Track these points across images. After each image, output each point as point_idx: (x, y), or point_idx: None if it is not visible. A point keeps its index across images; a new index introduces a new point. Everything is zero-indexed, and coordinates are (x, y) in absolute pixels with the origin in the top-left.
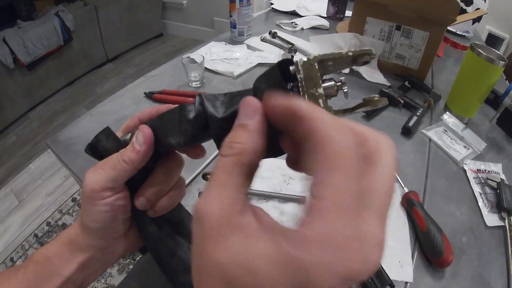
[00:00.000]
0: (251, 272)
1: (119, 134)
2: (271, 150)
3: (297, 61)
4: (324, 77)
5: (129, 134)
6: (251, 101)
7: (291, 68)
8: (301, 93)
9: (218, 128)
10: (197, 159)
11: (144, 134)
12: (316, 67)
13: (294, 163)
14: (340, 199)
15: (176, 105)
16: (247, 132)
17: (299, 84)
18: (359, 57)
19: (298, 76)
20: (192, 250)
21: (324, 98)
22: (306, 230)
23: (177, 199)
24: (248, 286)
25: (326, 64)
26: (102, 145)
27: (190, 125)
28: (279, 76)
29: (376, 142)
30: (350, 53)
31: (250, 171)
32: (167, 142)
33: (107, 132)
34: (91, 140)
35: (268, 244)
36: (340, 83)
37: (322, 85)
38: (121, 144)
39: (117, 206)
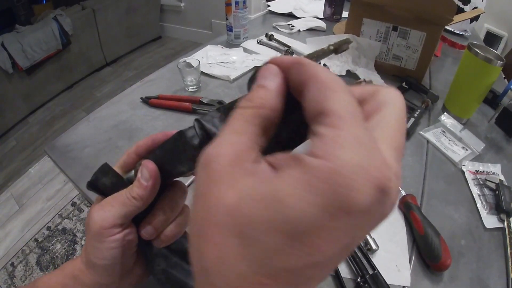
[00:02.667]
0: (274, 204)
1: (116, 169)
2: (290, 139)
3: None
4: None
5: (132, 172)
6: (270, 66)
7: None
8: None
9: None
10: None
11: (149, 169)
12: None
13: None
14: (355, 127)
15: (172, 132)
16: (267, 90)
17: None
18: (339, 48)
19: None
20: (192, 204)
21: None
22: (324, 146)
23: (183, 227)
24: (269, 223)
25: (311, 58)
26: (102, 182)
27: (197, 151)
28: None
29: (385, 92)
30: (332, 47)
31: (267, 127)
32: (177, 171)
33: (106, 168)
34: (91, 178)
35: (290, 173)
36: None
37: None
38: (123, 181)
39: (126, 241)
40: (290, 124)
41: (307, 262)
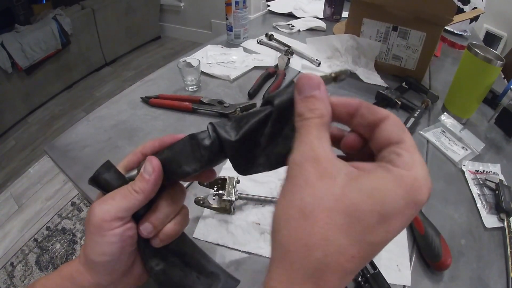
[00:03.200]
0: (376, 193)
1: (120, 167)
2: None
3: (294, 80)
4: None
5: (135, 170)
6: (313, 76)
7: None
8: None
9: (233, 150)
10: (209, 181)
11: (153, 164)
12: None
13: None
14: (414, 151)
15: (184, 135)
16: (320, 100)
17: None
18: (338, 76)
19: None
20: (292, 192)
21: None
22: (405, 161)
23: (182, 227)
24: (371, 206)
25: None
26: (104, 178)
27: (207, 151)
28: (293, 90)
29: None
30: (333, 74)
31: (329, 130)
32: (182, 171)
33: (107, 165)
34: (93, 173)
35: (382, 175)
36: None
37: None
38: (125, 178)
39: (126, 237)
40: (280, 126)
41: (385, 238)
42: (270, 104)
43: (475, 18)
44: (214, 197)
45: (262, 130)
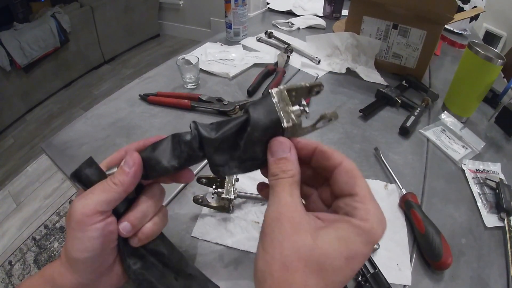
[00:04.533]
0: (342, 242)
1: (103, 165)
2: None
3: (271, 91)
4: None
5: (116, 167)
6: (284, 140)
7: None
8: (278, 112)
9: (212, 148)
10: (186, 182)
11: (133, 157)
12: (286, 93)
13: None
14: (373, 202)
15: (167, 136)
16: (291, 162)
17: (275, 106)
18: (313, 87)
19: (274, 100)
20: (270, 247)
21: (295, 114)
22: (361, 214)
23: (160, 227)
24: (339, 254)
25: (291, 93)
26: (85, 173)
27: (186, 147)
28: (271, 98)
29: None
30: (307, 84)
31: (299, 186)
32: (161, 167)
33: (89, 161)
34: (75, 169)
35: (344, 227)
36: (303, 108)
37: (293, 108)
38: (105, 175)
39: (107, 231)
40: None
41: (350, 275)
42: (248, 113)
43: (475, 17)
44: (212, 196)
45: (241, 135)
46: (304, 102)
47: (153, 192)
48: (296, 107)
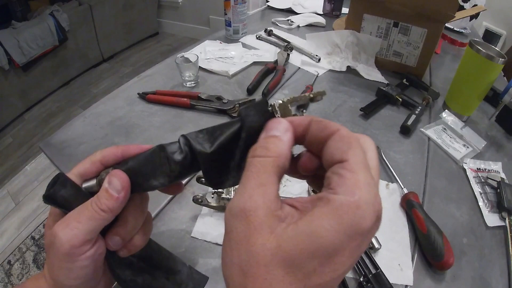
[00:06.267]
0: (311, 238)
1: (73, 174)
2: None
3: (273, 103)
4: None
5: (94, 181)
6: (282, 121)
7: (270, 108)
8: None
9: (208, 162)
10: (175, 194)
11: (121, 180)
12: (289, 107)
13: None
14: (366, 173)
15: (150, 146)
16: (281, 141)
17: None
18: (315, 97)
19: (276, 115)
20: (228, 249)
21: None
22: (347, 185)
23: (148, 235)
24: (307, 252)
25: (293, 103)
26: (61, 195)
27: (178, 166)
28: (267, 107)
29: (364, 141)
30: (311, 95)
31: (281, 173)
32: (149, 185)
33: (62, 180)
34: (47, 191)
35: (321, 210)
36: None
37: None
38: (83, 192)
39: (97, 256)
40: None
41: (334, 276)
42: (242, 120)
43: (475, 16)
44: (212, 195)
45: (237, 142)
46: (304, 110)
47: (140, 202)
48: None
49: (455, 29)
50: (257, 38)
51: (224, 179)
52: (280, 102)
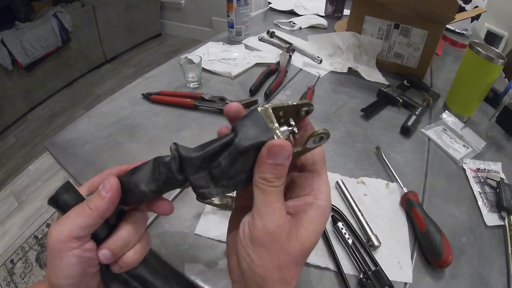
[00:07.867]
0: (318, 234)
1: (83, 188)
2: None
3: (258, 108)
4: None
5: (96, 193)
6: (286, 144)
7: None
8: (268, 124)
9: (193, 167)
10: (165, 215)
11: (110, 182)
12: (271, 110)
13: None
14: (328, 183)
15: (150, 159)
16: (285, 168)
17: (264, 119)
18: (301, 107)
19: (262, 117)
20: (262, 255)
21: (279, 130)
22: (325, 194)
23: (142, 255)
24: (313, 245)
25: (278, 112)
26: (63, 199)
27: (165, 168)
28: (262, 117)
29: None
30: (294, 103)
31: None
32: (139, 191)
33: (67, 186)
34: (52, 194)
35: (313, 212)
36: (291, 128)
37: (280, 128)
38: (84, 200)
39: (85, 258)
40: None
41: (309, 253)
42: (235, 131)
43: (477, 17)
44: None
45: (224, 153)
46: (292, 123)
47: (135, 219)
48: (285, 128)
49: (456, 30)
50: (259, 39)
51: (208, 189)
52: (262, 108)
